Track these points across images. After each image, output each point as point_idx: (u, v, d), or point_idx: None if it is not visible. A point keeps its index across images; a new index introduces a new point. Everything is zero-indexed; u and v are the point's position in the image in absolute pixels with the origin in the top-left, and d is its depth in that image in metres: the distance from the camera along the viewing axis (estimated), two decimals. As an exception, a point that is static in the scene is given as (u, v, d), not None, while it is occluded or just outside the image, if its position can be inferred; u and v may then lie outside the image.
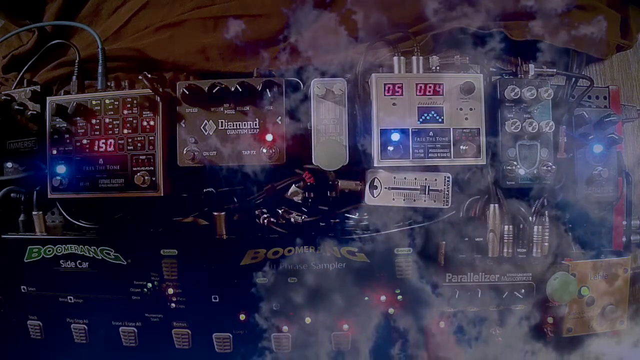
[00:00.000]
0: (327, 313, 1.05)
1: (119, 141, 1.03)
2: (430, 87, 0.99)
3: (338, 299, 1.05)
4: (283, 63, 1.09)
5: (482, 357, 1.07)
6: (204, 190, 1.09)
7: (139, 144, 1.02)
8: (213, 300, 1.07)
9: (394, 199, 1.02)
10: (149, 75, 0.98)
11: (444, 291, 1.05)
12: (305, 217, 1.08)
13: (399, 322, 1.06)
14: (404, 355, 1.08)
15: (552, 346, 1.08)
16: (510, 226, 1.03)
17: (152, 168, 1.01)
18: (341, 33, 0.99)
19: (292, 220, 1.07)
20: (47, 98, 1.05)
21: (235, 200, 1.10)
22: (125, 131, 1.03)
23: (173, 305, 1.07)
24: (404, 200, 1.02)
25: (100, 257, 1.07)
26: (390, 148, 0.98)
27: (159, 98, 1.01)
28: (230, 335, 1.08)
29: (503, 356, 1.07)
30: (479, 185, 1.03)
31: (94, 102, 1.04)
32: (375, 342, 1.07)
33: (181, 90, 1.00)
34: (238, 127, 1.01)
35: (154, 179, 1.01)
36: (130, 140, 1.02)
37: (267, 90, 0.99)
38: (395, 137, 0.99)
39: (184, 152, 1.01)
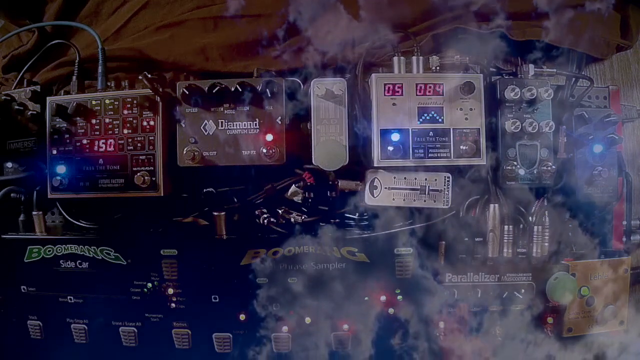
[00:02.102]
0: (327, 313, 1.05)
1: (119, 141, 1.03)
2: (430, 87, 0.99)
3: (338, 299, 1.05)
4: (283, 63, 1.09)
5: (481, 357, 1.07)
6: (204, 190, 1.09)
7: (139, 144, 1.02)
8: (213, 300, 1.07)
9: (394, 199, 1.02)
10: (149, 75, 0.98)
11: (443, 291, 1.05)
12: (305, 217, 1.08)
13: (399, 322, 1.06)
14: (405, 352, 1.08)
15: (552, 346, 1.08)
16: (510, 226, 1.03)
17: (152, 168, 1.01)
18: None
19: (292, 220, 1.07)
20: (47, 98, 1.05)
21: (235, 200, 1.10)
22: (125, 131, 1.03)
23: (173, 305, 1.07)
24: (404, 200, 1.02)
25: (100, 257, 1.07)
26: (390, 148, 0.98)
27: (159, 98, 1.01)
28: (230, 335, 1.08)
29: (503, 356, 1.07)
30: (479, 185, 1.03)
31: (94, 102, 1.04)
32: (376, 341, 1.07)
33: (181, 90, 1.00)
34: (238, 127, 1.01)
35: (154, 179, 1.01)
36: (130, 140, 1.02)
37: (267, 90, 0.99)
38: (395, 137, 0.99)
39: (184, 152, 1.01)
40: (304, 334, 1.07)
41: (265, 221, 1.09)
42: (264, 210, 1.10)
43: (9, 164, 1.11)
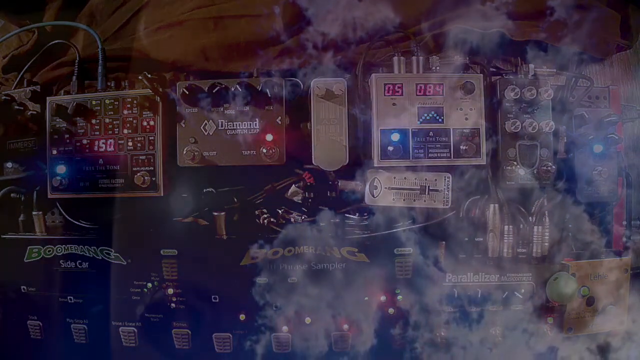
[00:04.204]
0: (327, 313, 1.05)
1: (119, 141, 1.03)
2: (430, 87, 0.99)
3: (338, 299, 1.05)
4: (283, 62, 1.09)
5: (482, 358, 1.07)
6: (204, 190, 1.09)
7: (139, 144, 1.02)
8: (213, 300, 1.07)
9: (393, 199, 1.02)
10: (149, 75, 0.98)
11: (443, 291, 1.05)
12: (305, 217, 1.08)
13: (399, 321, 1.06)
14: (404, 350, 1.08)
15: (552, 346, 1.08)
16: (510, 226, 1.03)
17: (152, 168, 1.01)
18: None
19: (292, 220, 1.07)
20: (47, 98, 1.05)
21: (235, 200, 1.10)
22: (125, 131, 1.03)
23: (173, 305, 1.07)
24: (403, 200, 1.02)
25: (100, 257, 1.07)
26: (390, 148, 0.98)
27: (159, 98, 1.01)
28: (230, 335, 1.08)
29: (502, 356, 1.07)
30: (479, 185, 1.03)
31: (94, 102, 1.04)
32: (375, 341, 1.07)
33: (181, 90, 1.00)
34: (238, 127, 1.01)
35: (154, 179, 1.01)
36: (130, 140, 1.02)
37: (267, 90, 0.99)
38: (395, 137, 0.99)
39: (184, 152, 1.01)
40: (304, 333, 1.07)
41: (265, 221, 1.09)
42: (264, 210, 1.10)
43: (9, 164, 1.11)
